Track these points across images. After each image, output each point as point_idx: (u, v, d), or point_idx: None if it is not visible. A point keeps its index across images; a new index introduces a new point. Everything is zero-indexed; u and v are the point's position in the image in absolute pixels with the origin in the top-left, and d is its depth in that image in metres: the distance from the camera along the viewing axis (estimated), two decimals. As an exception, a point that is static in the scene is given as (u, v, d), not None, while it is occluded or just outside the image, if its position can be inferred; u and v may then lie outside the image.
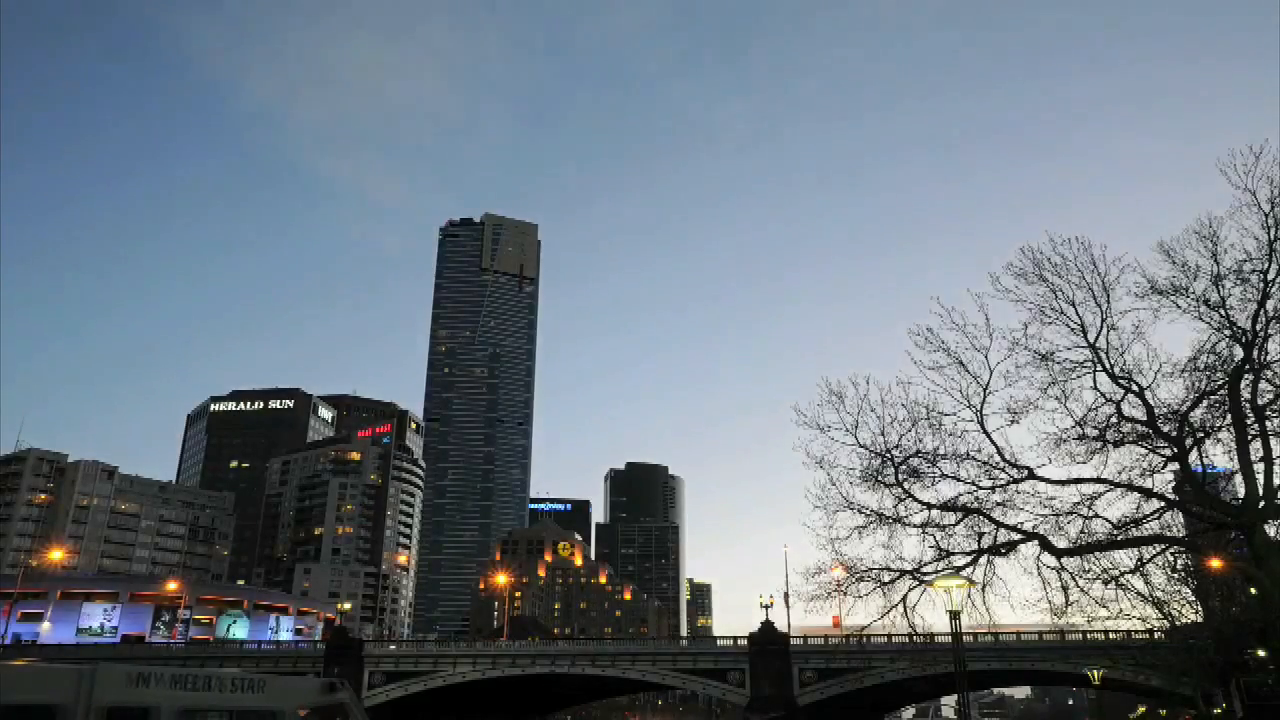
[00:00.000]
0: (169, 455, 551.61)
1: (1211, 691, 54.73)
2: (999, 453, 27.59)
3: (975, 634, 79.07)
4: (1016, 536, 27.79)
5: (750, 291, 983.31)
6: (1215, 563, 33.50)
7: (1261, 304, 25.54)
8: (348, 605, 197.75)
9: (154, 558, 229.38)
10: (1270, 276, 25.21)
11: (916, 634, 29.17)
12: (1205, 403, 26.97)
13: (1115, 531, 27.82)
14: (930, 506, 28.27)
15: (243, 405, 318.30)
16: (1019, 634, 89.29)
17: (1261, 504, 25.77)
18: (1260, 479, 26.02)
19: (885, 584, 27.89)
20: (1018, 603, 28.61)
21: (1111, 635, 70.99)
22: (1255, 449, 26.24)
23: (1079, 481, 27.76)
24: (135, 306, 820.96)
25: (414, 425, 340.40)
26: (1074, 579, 27.53)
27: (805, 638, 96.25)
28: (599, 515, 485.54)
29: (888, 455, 27.81)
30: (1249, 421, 26.11)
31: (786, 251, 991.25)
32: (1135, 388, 26.99)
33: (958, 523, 28.23)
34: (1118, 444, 27.68)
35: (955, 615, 27.26)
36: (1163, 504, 28.32)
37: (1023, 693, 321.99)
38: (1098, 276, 26.75)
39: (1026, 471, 27.61)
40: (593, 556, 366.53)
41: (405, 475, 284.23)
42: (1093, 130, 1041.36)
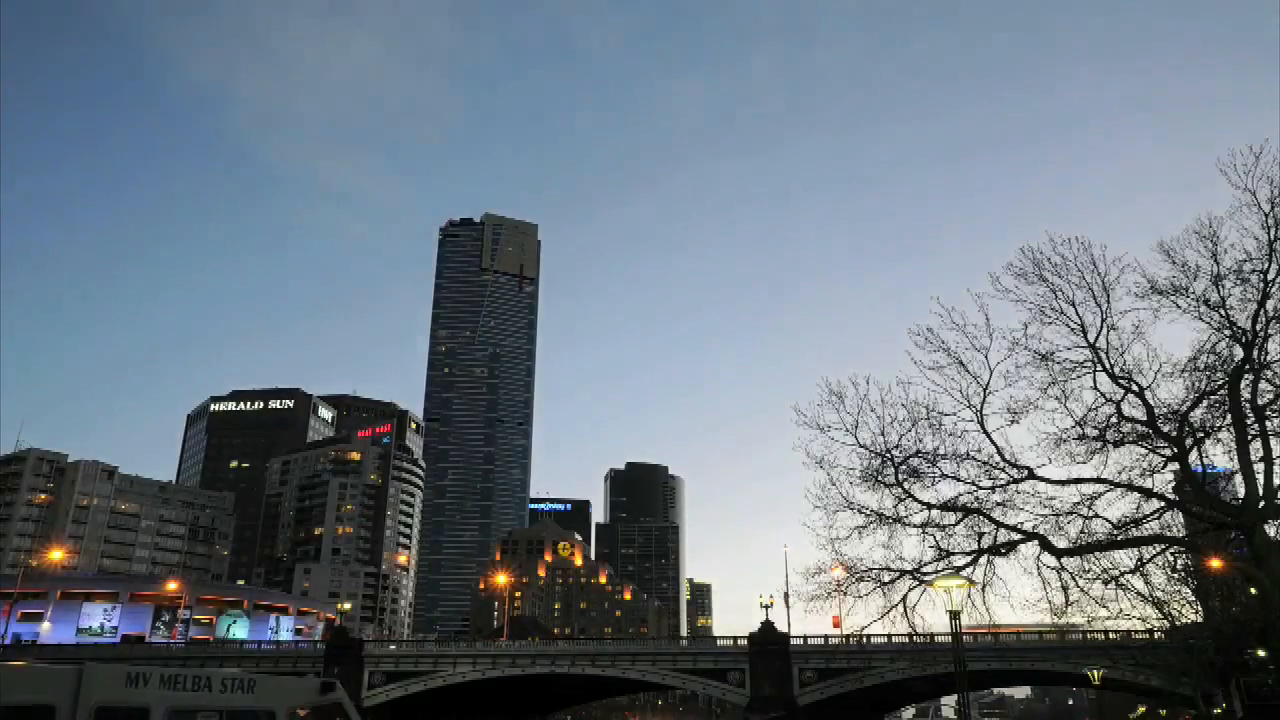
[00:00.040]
0: (169, 455, 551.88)
1: (1211, 691, 54.78)
2: (999, 453, 27.62)
3: (975, 634, 79.22)
4: (1016, 536, 27.78)
5: (750, 291, 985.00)
6: (1215, 563, 33.47)
7: (1261, 304, 25.53)
8: (348, 605, 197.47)
9: (154, 558, 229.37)
10: (1270, 276, 25.21)
11: (916, 634, 29.15)
12: (1205, 403, 26.97)
13: (1115, 531, 27.80)
14: (930, 506, 28.27)
15: (243, 405, 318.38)
16: (1019, 634, 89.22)
17: (1261, 504, 25.76)
18: (1260, 479, 26.02)
19: (885, 584, 27.88)
20: (1018, 603, 28.66)
21: (1111, 635, 70.98)
22: (1255, 449, 26.25)
23: (1079, 481, 27.77)
24: (135, 307, 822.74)
25: (414, 425, 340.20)
26: (1074, 579, 27.54)
27: (805, 638, 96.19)
28: (599, 515, 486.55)
29: (888, 455, 27.80)
30: (1249, 421, 26.10)
31: (787, 252, 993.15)
32: (1135, 388, 26.97)
33: (958, 523, 28.23)
34: (1118, 444, 27.68)
35: (955, 615, 27.22)
36: (1163, 504, 28.31)
37: (1023, 693, 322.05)
38: (1098, 276, 26.79)
39: (1026, 471, 27.60)
40: (593, 556, 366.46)
41: (405, 475, 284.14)
42: (1093, 135, 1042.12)
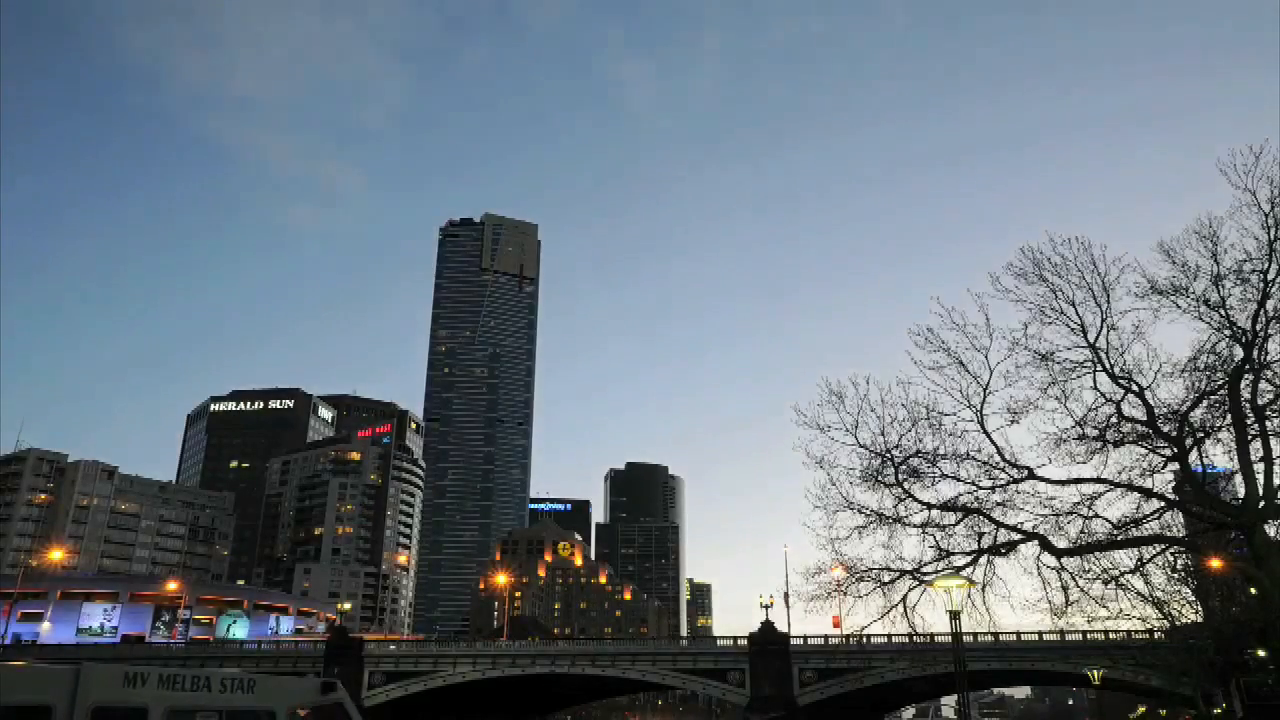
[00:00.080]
0: (169, 455, 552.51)
1: (1211, 691, 54.76)
2: (999, 453, 27.55)
3: (975, 634, 79.05)
4: (1016, 536, 27.73)
5: (751, 290, 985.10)
6: (1215, 563, 33.44)
7: (1261, 304, 25.48)
8: (348, 605, 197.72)
9: (154, 558, 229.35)
10: (1270, 276, 25.17)
11: (916, 634, 29.06)
12: (1205, 403, 26.91)
13: (1115, 531, 27.75)
14: (930, 506, 28.21)
15: (243, 405, 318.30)
16: (1019, 634, 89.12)
17: (1261, 504, 25.72)
18: (1260, 479, 25.98)
19: (885, 584, 27.82)
20: (1018, 603, 28.54)
21: (1111, 635, 70.85)
22: (1255, 449, 26.20)
23: (1079, 481, 27.71)
24: (135, 307, 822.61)
25: (414, 425, 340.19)
26: (1074, 579, 27.49)
27: (805, 638, 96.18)
28: (599, 515, 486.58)
29: (888, 455, 27.74)
30: (1249, 421, 26.06)
31: (788, 251, 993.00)
32: (1135, 388, 26.93)
33: (958, 523, 28.17)
34: (1118, 444, 27.63)
35: (955, 615, 27.19)
36: (1163, 504, 28.26)
37: (1023, 693, 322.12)
38: (1098, 276, 26.73)
39: (1026, 471, 27.55)
40: (593, 556, 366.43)
41: (405, 475, 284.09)
42: (1093, 135, 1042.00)
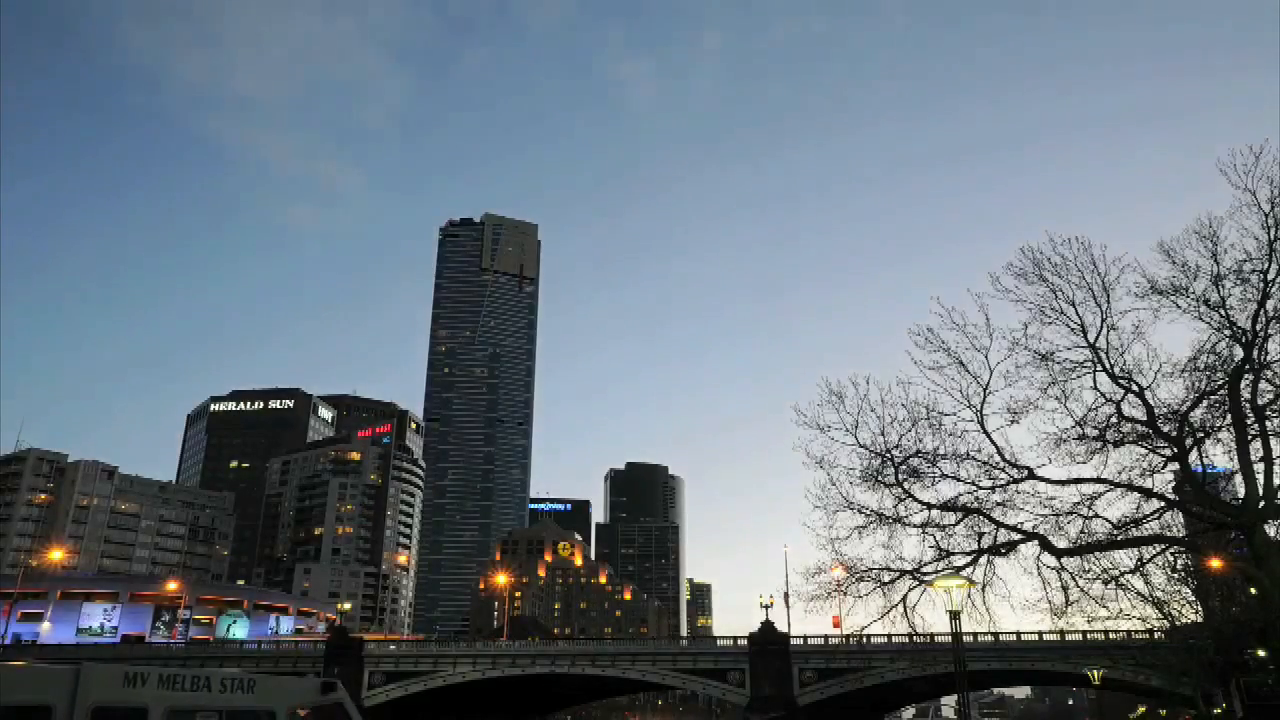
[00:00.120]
0: (169, 455, 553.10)
1: (1211, 691, 54.75)
2: (999, 453, 27.53)
3: (975, 634, 79.01)
4: (1016, 536, 27.71)
5: (751, 290, 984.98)
6: (1215, 563, 33.42)
7: (1261, 304, 25.46)
8: (348, 605, 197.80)
9: (154, 558, 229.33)
10: (1270, 276, 25.15)
11: (916, 634, 29.04)
12: (1205, 403, 26.89)
13: (1115, 531, 27.73)
14: (930, 506, 28.19)
15: (243, 405, 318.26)
16: (1019, 634, 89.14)
17: (1261, 504, 25.71)
18: (1260, 479, 25.96)
19: (885, 584, 27.80)
20: (1018, 603, 28.52)
21: (1111, 635, 70.85)
22: (1255, 449, 26.18)
23: (1079, 481, 27.69)
24: (135, 307, 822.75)
25: (414, 425, 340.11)
26: (1074, 579, 27.47)
27: (805, 638, 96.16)
28: (599, 515, 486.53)
29: (888, 455, 27.72)
30: (1249, 421, 26.04)
31: (788, 251, 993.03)
32: (1135, 388, 26.90)
33: (958, 523, 28.15)
34: (1118, 444, 27.60)
35: (955, 615, 27.18)
36: (1163, 504, 28.23)
37: (1023, 693, 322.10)
38: (1098, 276, 26.70)
39: (1026, 471, 27.53)
40: (593, 556, 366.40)
41: (405, 475, 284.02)
42: (1093, 135, 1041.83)
